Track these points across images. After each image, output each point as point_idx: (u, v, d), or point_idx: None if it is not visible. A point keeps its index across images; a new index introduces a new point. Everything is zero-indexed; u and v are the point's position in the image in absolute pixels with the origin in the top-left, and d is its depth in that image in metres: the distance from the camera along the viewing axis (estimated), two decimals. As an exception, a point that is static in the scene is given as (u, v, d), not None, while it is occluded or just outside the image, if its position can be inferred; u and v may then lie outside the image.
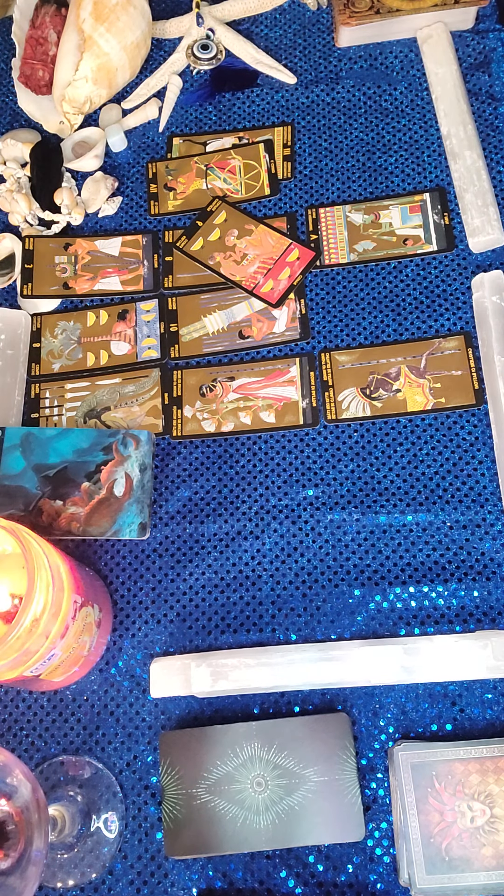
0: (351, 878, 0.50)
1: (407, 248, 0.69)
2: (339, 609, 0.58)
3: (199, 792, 0.51)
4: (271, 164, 0.75)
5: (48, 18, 0.77)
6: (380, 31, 0.78)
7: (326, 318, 0.68)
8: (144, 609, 0.59)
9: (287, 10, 0.83)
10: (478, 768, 0.49)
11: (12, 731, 0.56)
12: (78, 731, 0.56)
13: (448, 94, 0.74)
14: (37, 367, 0.69)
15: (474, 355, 0.64)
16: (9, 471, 0.61)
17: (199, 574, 0.60)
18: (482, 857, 0.47)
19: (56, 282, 0.72)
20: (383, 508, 0.60)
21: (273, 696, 0.55)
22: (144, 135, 0.79)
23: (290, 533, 0.60)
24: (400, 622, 0.57)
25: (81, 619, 0.50)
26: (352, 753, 0.51)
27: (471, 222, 0.68)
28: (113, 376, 0.68)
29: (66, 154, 0.78)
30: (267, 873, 0.51)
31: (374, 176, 0.73)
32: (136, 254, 0.73)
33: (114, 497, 0.60)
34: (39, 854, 0.38)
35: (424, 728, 0.54)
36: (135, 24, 0.76)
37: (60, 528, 0.60)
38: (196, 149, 0.77)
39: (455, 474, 0.61)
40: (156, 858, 0.52)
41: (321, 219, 0.72)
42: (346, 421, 0.63)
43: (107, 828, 0.52)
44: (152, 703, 0.56)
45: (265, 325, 0.68)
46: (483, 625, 0.56)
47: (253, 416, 0.65)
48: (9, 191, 0.75)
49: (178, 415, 0.66)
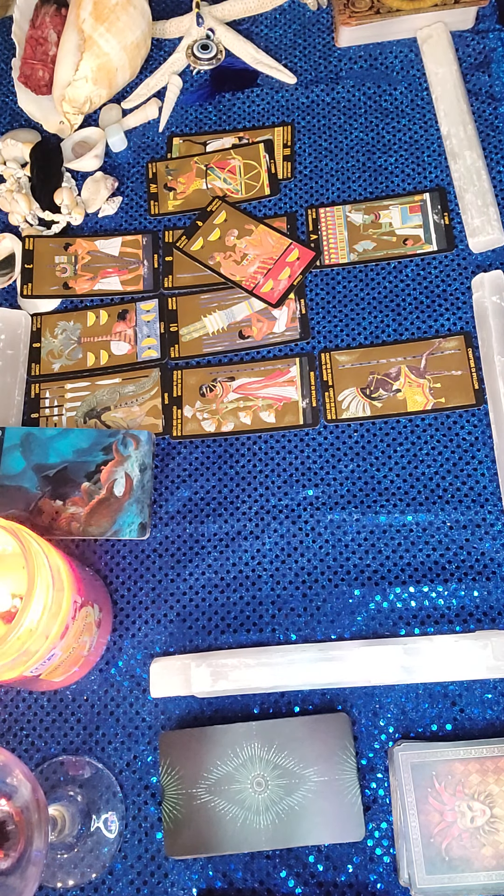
0: (351, 878, 0.50)
1: (407, 248, 0.69)
2: (339, 609, 0.58)
3: (199, 792, 0.51)
4: (271, 164, 0.75)
5: (48, 18, 0.77)
6: (380, 31, 0.78)
7: (326, 318, 0.68)
8: (144, 609, 0.59)
9: (287, 10, 0.83)
10: (478, 768, 0.49)
11: (12, 731, 0.56)
12: (78, 731, 0.56)
13: (448, 94, 0.74)
14: (37, 367, 0.69)
15: (474, 355, 0.64)
16: (9, 471, 0.61)
17: (199, 574, 0.60)
18: (482, 857, 0.47)
19: (56, 282, 0.72)
20: (383, 508, 0.60)
21: (273, 696, 0.55)
22: (144, 135, 0.79)
23: (290, 533, 0.60)
24: (400, 622, 0.57)
25: (81, 619, 0.50)
26: (352, 753, 0.51)
27: (471, 222, 0.68)
28: (113, 376, 0.68)
29: (66, 154, 0.78)
30: (267, 873, 0.51)
31: (374, 176, 0.73)
32: (136, 254, 0.73)
33: (114, 497, 0.60)
34: (39, 854, 0.38)
35: (424, 728, 0.54)
36: (135, 24, 0.76)
37: (60, 528, 0.60)
38: (196, 149, 0.77)
39: (455, 474, 0.61)
40: (156, 858, 0.52)
41: (321, 219, 0.72)
42: (346, 421, 0.64)
43: (107, 828, 0.52)
44: (152, 703, 0.56)
45: (265, 325, 0.68)
46: (483, 625, 0.56)
47: (253, 416, 0.65)
48: (9, 191, 0.75)
49: (178, 415, 0.66)
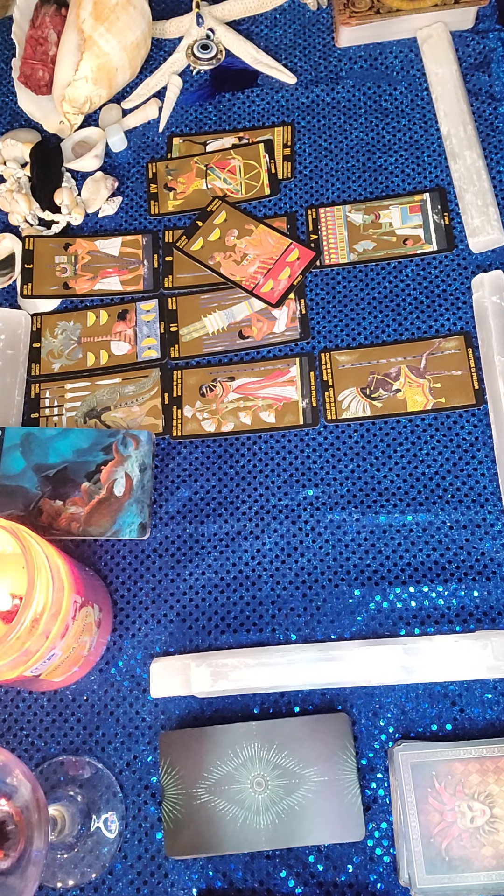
0: (351, 878, 0.50)
1: (407, 248, 0.69)
2: (339, 609, 0.58)
3: (199, 792, 0.51)
4: (271, 164, 0.75)
5: (48, 18, 0.77)
6: (380, 31, 0.78)
7: (326, 318, 0.68)
8: (144, 609, 0.59)
9: (287, 10, 0.83)
10: (478, 768, 0.49)
11: (12, 731, 0.56)
12: (78, 731, 0.56)
13: (448, 94, 0.74)
14: (37, 367, 0.69)
15: (474, 355, 0.64)
16: (9, 471, 0.61)
17: (199, 574, 0.60)
18: (482, 857, 0.47)
19: (56, 282, 0.72)
20: (383, 508, 0.60)
21: (273, 696, 0.55)
22: (144, 135, 0.79)
23: (290, 533, 0.60)
24: (400, 622, 0.57)
25: (81, 619, 0.50)
26: (352, 753, 0.51)
27: (471, 222, 0.68)
28: (113, 376, 0.68)
29: (66, 154, 0.78)
30: (267, 873, 0.51)
31: (374, 176, 0.73)
32: (136, 254, 0.73)
33: (114, 497, 0.60)
34: (39, 854, 0.38)
35: (424, 728, 0.54)
36: (135, 24, 0.76)
37: (60, 528, 0.60)
38: (196, 149, 0.77)
39: (455, 474, 0.61)
40: (156, 858, 0.52)
41: (321, 219, 0.72)
42: (346, 421, 0.63)
43: (107, 828, 0.52)
44: (152, 703, 0.56)
45: (265, 325, 0.68)
46: (483, 625, 0.56)
47: (253, 416, 0.65)
48: (9, 191, 0.75)
49: (178, 415, 0.66)
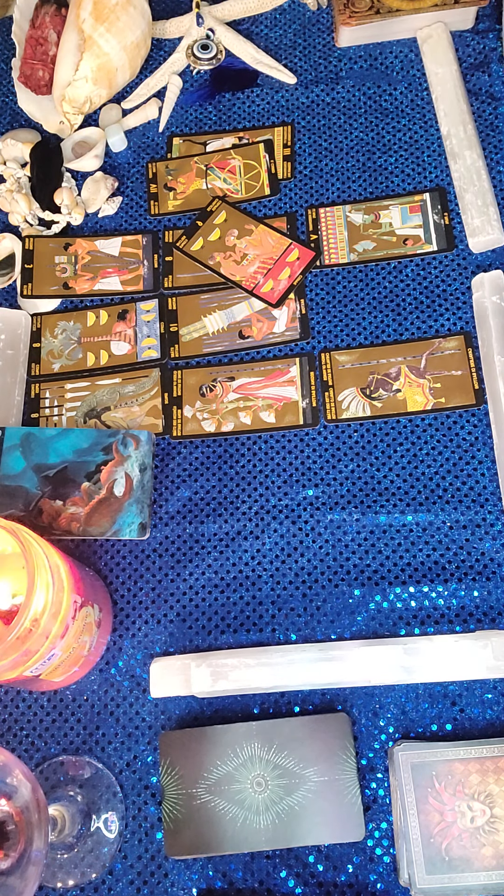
0: (351, 878, 0.50)
1: (407, 248, 0.69)
2: (339, 609, 0.58)
3: (199, 792, 0.51)
4: (271, 164, 0.75)
5: (48, 18, 0.77)
6: (380, 31, 0.78)
7: (326, 318, 0.68)
8: (144, 609, 0.59)
9: (287, 10, 0.83)
10: (478, 768, 0.49)
11: (12, 731, 0.56)
12: (78, 731, 0.56)
13: (448, 94, 0.74)
14: (37, 367, 0.69)
15: (474, 355, 0.64)
16: (9, 471, 0.61)
17: (199, 574, 0.60)
18: (482, 857, 0.47)
19: (56, 282, 0.72)
20: (383, 508, 0.60)
21: (273, 696, 0.55)
22: (144, 135, 0.79)
23: (290, 533, 0.60)
24: (400, 622, 0.57)
25: (81, 619, 0.50)
26: (352, 753, 0.51)
27: (471, 222, 0.68)
28: (113, 376, 0.68)
29: (66, 154, 0.78)
30: (267, 873, 0.51)
31: (374, 176, 0.73)
32: (136, 254, 0.73)
33: (114, 497, 0.60)
34: (39, 854, 0.38)
35: (424, 728, 0.54)
36: (135, 24, 0.76)
37: (60, 528, 0.60)
38: (196, 149, 0.77)
39: (455, 474, 0.61)
40: (156, 858, 0.52)
41: (321, 219, 0.72)
42: (346, 421, 0.63)
43: (107, 828, 0.52)
44: (152, 703, 0.56)
45: (265, 325, 0.68)
46: (483, 625, 0.56)
47: (253, 416, 0.65)
48: (9, 191, 0.75)
49: (178, 415, 0.66)
